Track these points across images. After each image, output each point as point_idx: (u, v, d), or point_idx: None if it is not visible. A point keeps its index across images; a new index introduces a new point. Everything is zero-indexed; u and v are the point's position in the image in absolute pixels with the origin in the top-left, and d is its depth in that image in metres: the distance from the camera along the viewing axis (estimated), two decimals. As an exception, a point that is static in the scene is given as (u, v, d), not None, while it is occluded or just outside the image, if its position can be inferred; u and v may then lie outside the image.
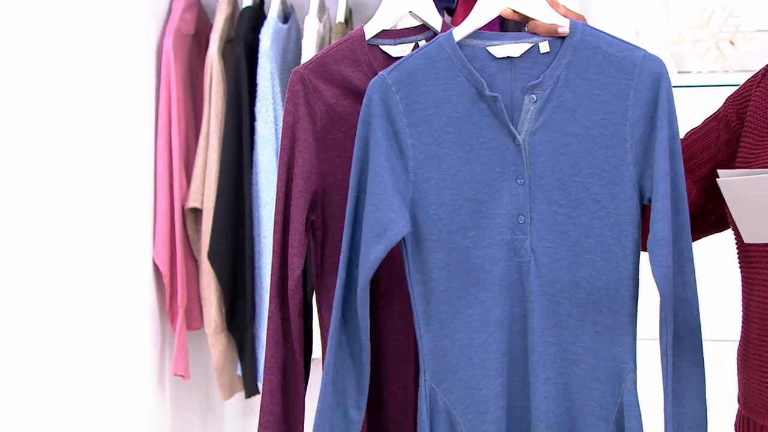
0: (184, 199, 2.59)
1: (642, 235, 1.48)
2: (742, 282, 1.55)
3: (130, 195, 2.44)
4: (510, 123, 1.47)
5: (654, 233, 1.42)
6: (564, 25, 1.48)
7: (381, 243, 1.45)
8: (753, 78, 1.58)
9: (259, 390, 2.59)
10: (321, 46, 2.55)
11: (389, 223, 1.45)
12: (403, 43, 1.62)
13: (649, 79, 1.45)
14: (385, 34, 1.62)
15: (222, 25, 2.60)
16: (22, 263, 2.35)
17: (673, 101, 1.45)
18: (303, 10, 2.67)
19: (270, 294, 1.61)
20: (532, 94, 1.48)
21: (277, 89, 2.53)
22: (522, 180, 1.48)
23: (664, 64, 1.47)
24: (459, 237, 1.48)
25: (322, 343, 1.61)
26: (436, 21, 1.62)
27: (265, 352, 1.62)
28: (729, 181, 1.34)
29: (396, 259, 1.56)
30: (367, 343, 1.50)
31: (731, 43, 2.70)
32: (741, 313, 1.56)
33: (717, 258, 2.08)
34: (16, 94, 2.33)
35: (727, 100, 1.61)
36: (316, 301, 1.66)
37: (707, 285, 2.25)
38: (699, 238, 1.65)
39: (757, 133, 1.52)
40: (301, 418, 1.63)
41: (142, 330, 2.50)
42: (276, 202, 1.60)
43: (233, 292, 2.61)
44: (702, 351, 1.49)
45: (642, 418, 1.49)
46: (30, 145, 2.33)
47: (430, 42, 1.50)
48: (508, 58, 1.48)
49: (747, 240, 1.38)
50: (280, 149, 1.59)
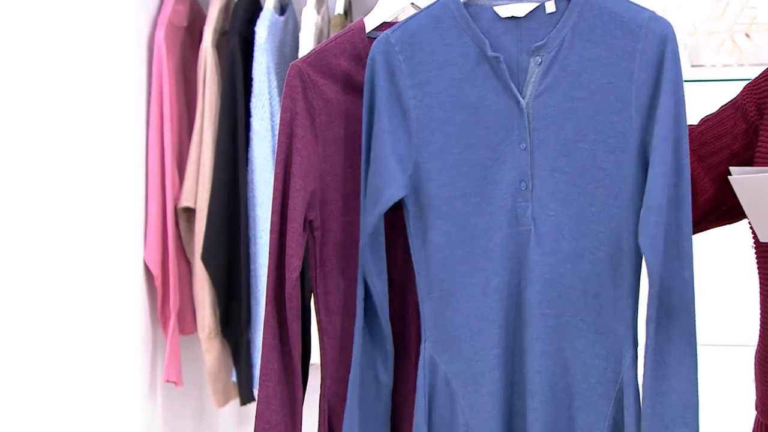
0: (177, 198, 2.59)
1: None
2: (760, 283, 1.54)
3: (120, 194, 2.42)
4: (513, 85, 1.47)
5: (646, 200, 1.41)
6: None
7: (376, 208, 1.48)
8: (773, 68, 1.56)
9: (255, 397, 2.58)
10: (319, 39, 2.56)
11: (383, 188, 1.47)
12: (404, 35, 1.63)
13: (655, 41, 1.43)
14: (386, 27, 1.60)
15: (216, 17, 2.58)
16: (5, 266, 2.33)
17: (679, 64, 1.43)
18: (300, 1, 2.67)
19: (266, 297, 1.60)
20: (537, 56, 1.47)
21: (274, 84, 2.53)
22: (524, 145, 1.47)
23: (671, 25, 1.45)
24: (461, 203, 1.48)
25: (321, 348, 1.61)
26: (438, 12, 1.62)
27: (261, 358, 1.61)
28: (741, 178, 1.34)
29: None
30: (385, 310, 1.53)
31: (747, 35, 2.69)
32: (759, 317, 1.55)
33: (733, 259, 2.08)
34: (0, 88, 2.30)
35: (745, 88, 1.59)
36: (314, 304, 1.64)
37: (723, 287, 2.24)
38: (708, 228, 1.63)
39: (777, 126, 1.51)
40: (299, 427, 1.63)
41: (132, 335, 2.49)
42: (273, 202, 1.59)
43: (228, 295, 2.60)
44: (695, 332, 1.45)
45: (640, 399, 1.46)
46: (14, 141, 2.34)
47: (436, 0, 1.51)
48: (513, 18, 1.47)
49: (762, 239, 1.39)
50: (277, 146, 1.59)
